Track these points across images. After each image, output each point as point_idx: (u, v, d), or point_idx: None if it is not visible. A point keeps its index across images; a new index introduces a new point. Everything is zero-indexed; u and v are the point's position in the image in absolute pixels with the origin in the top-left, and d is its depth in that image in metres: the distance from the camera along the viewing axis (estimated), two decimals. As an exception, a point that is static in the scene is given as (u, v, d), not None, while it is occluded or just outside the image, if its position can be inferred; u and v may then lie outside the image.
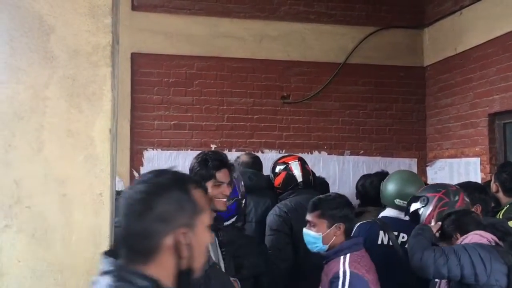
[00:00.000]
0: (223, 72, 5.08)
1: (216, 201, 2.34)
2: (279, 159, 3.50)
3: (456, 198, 2.62)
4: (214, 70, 5.06)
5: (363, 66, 5.30)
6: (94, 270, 1.79)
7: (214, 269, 1.89)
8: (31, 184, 1.78)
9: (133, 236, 1.19)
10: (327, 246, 2.41)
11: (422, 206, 2.61)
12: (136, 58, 4.89)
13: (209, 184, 2.35)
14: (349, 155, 5.24)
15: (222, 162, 2.39)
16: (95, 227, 1.82)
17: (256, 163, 3.79)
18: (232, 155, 4.99)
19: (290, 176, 3.26)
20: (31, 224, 1.76)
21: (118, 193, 3.42)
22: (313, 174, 3.47)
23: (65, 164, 1.81)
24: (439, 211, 2.56)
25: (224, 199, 2.36)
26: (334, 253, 2.36)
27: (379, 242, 2.75)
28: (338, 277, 2.25)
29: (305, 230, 2.49)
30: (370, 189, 3.33)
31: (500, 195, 3.33)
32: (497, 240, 2.32)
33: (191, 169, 2.43)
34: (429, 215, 2.58)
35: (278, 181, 3.32)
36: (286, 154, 3.85)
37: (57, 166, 1.80)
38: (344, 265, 2.29)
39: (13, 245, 1.75)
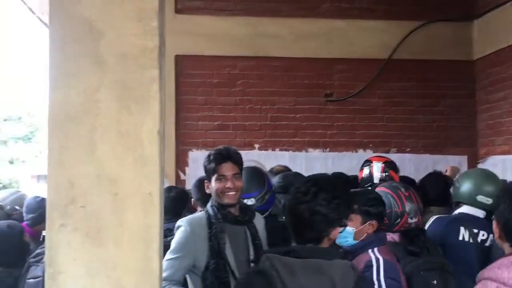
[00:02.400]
0: (265, 71, 5.09)
1: (223, 195, 2.35)
2: (372, 156, 3.61)
3: None
4: (256, 70, 5.08)
5: (408, 61, 5.18)
6: (146, 268, 1.83)
7: None
8: (84, 184, 1.83)
9: None
10: (356, 242, 2.31)
11: None
12: (180, 60, 4.97)
13: (213, 178, 2.37)
14: (395, 152, 5.13)
15: (222, 156, 2.40)
16: (145, 226, 1.86)
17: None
18: (275, 155, 5.03)
19: (368, 174, 3.33)
20: (85, 223, 1.81)
21: (172, 189, 3.53)
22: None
23: (116, 164, 1.85)
24: None
25: (232, 192, 2.35)
26: (361, 247, 2.26)
27: (460, 238, 2.68)
28: (371, 265, 2.14)
29: None
30: (429, 189, 3.24)
31: None
32: None
33: (203, 167, 2.47)
34: None
35: (359, 176, 3.44)
36: (381, 154, 3.90)
37: (109, 167, 1.84)
38: (375, 253, 2.20)
39: (68, 243, 1.81)
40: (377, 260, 2.14)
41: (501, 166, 4.65)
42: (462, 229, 2.69)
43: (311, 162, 4.96)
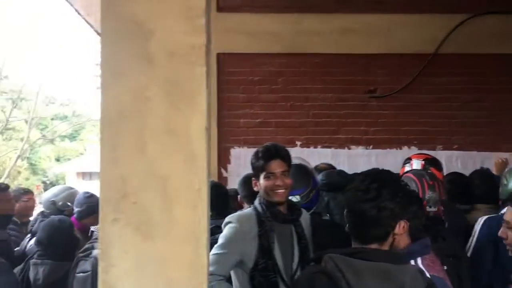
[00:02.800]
0: (306, 68, 5.07)
1: (272, 192, 2.33)
2: (414, 154, 3.46)
3: None
4: (297, 67, 5.06)
5: (455, 56, 5.03)
6: (195, 263, 1.86)
7: None
8: (135, 181, 1.88)
9: None
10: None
11: None
12: (222, 58, 5.01)
13: (262, 176, 2.35)
14: (442, 149, 4.99)
15: (271, 153, 2.38)
16: (194, 222, 1.88)
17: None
18: (318, 152, 4.99)
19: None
20: (136, 218, 1.85)
21: (214, 187, 3.56)
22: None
23: (166, 161, 1.88)
24: None
25: (281, 190, 2.32)
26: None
27: None
28: None
29: None
30: (475, 186, 3.14)
31: None
32: None
33: (250, 164, 2.46)
34: None
35: (400, 174, 3.30)
36: (424, 152, 3.75)
37: (159, 163, 1.88)
38: (418, 266, 1.91)
39: (120, 238, 1.85)
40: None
41: (556, 164, 4.45)
42: None
43: (354, 160, 4.90)
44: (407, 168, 3.33)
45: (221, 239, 2.39)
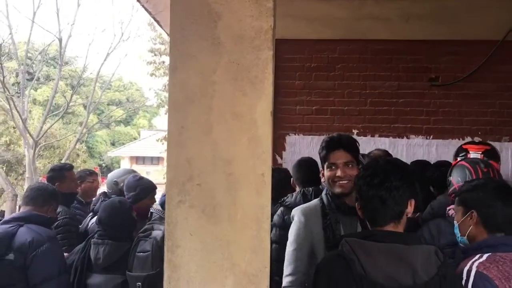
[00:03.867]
0: (366, 55, 4.94)
1: (333, 183, 2.30)
2: (467, 143, 3.24)
3: None
4: (356, 54, 4.95)
5: (525, 42, 4.74)
6: (258, 247, 1.86)
7: None
8: (201, 163, 1.90)
9: None
10: (465, 237, 2.02)
11: None
12: (279, 44, 4.97)
13: (325, 166, 2.31)
14: (508, 141, 4.75)
15: (334, 143, 2.33)
16: (258, 205, 1.89)
17: (388, 156, 3.72)
18: (375, 141, 4.88)
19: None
20: (201, 200, 1.88)
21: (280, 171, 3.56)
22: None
23: (231, 145, 1.89)
24: None
25: (343, 181, 2.27)
26: (473, 249, 1.96)
27: None
28: (461, 278, 1.83)
29: None
30: None
31: None
32: None
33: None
34: None
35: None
36: (478, 141, 3.51)
37: (224, 147, 1.89)
38: (473, 263, 1.86)
39: (186, 219, 1.89)
40: (468, 273, 1.82)
41: None
42: None
43: (413, 149, 4.75)
44: (461, 153, 3.12)
45: (291, 236, 2.38)
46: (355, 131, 4.88)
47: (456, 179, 2.46)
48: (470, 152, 3.05)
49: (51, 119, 18.19)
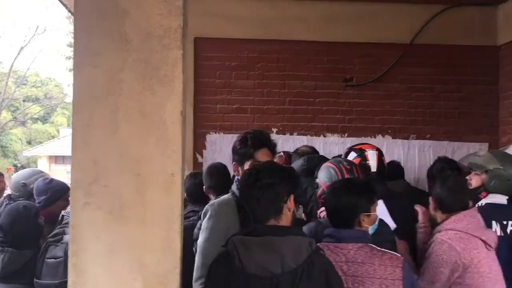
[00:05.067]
0: (285, 55, 5.05)
1: None
2: (356, 145, 3.34)
3: None
4: (276, 53, 5.04)
5: (431, 46, 5.08)
6: (167, 247, 1.85)
7: None
8: (107, 164, 1.85)
9: None
10: None
11: None
12: (199, 43, 4.95)
13: (248, 163, 2.34)
14: (415, 139, 5.07)
15: (261, 141, 2.38)
16: (168, 206, 1.87)
17: (315, 153, 3.82)
18: (293, 139, 5.01)
19: (363, 164, 3.06)
20: (108, 201, 1.84)
21: (196, 175, 3.51)
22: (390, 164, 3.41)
23: (139, 144, 1.86)
24: None
25: None
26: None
27: (499, 234, 2.66)
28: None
29: None
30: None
31: None
32: None
33: (233, 149, 2.45)
34: None
35: None
36: (363, 142, 3.68)
37: (132, 147, 1.86)
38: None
39: (92, 221, 1.84)
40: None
41: (524, 155, 4.57)
42: (494, 223, 2.67)
43: (329, 147, 4.93)
44: (356, 154, 3.18)
45: (207, 232, 2.34)
46: (274, 130, 4.98)
47: (323, 180, 2.55)
48: (367, 150, 3.17)
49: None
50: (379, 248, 2.06)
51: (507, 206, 2.74)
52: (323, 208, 2.45)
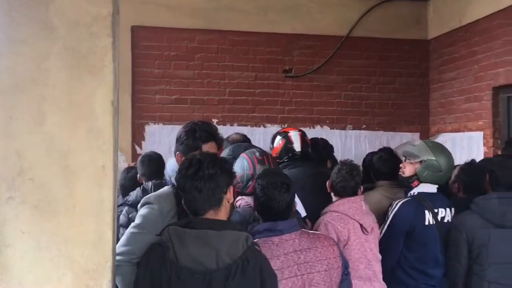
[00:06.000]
0: (225, 45, 5.04)
1: None
2: (280, 130, 3.56)
3: None
4: (215, 44, 5.02)
5: (366, 39, 5.24)
6: (98, 241, 1.80)
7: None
8: (33, 156, 1.77)
9: None
10: None
11: None
12: (137, 31, 4.84)
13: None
14: (351, 129, 5.23)
15: (210, 134, 2.36)
16: (98, 199, 1.82)
17: (246, 141, 3.81)
18: (234, 130, 5.01)
19: (288, 146, 3.26)
20: (34, 195, 1.76)
21: (130, 169, 3.45)
22: (316, 144, 3.51)
23: (67, 136, 1.79)
24: None
25: None
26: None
27: (426, 223, 2.80)
28: None
29: None
30: (380, 164, 3.29)
31: None
32: None
33: (178, 138, 2.40)
34: None
35: (276, 150, 3.33)
36: (287, 127, 3.88)
37: (59, 138, 1.79)
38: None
39: (16, 216, 1.76)
40: None
41: (451, 143, 4.83)
42: (426, 213, 2.81)
43: (270, 138, 4.97)
44: (281, 136, 3.34)
45: (139, 218, 2.31)
46: (215, 120, 4.97)
47: (236, 169, 2.56)
48: (289, 132, 3.35)
49: None
50: (309, 231, 2.21)
51: (437, 195, 2.89)
52: (239, 197, 2.52)
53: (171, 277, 1.69)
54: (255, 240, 2.00)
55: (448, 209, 2.86)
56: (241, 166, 2.56)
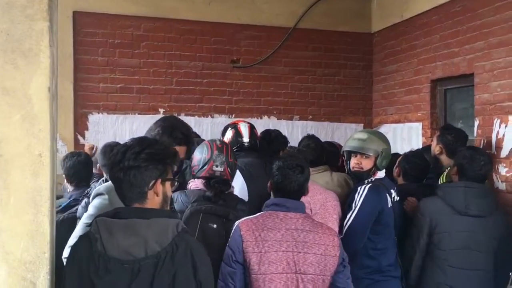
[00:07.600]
0: (171, 34, 4.96)
1: None
2: (230, 122, 3.68)
3: None
4: (162, 32, 4.93)
5: (313, 31, 5.32)
6: (35, 232, 1.74)
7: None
8: (-37, 144, 1.69)
9: None
10: None
11: None
12: (79, 17, 4.67)
13: None
14: (298, 120, 5.31)
15: (186, 138, 2.37)
16: (35, 188, 1.76)
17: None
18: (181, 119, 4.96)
19: (237, 138, 3.41)
20: (-35, 185, 1.68)
21: (77, 154, 3.35)
22: (266, 138, 3.56)
23: (1, 123, 1.72)
24: None
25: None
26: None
27: (389, 205, 2.88)
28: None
29: None
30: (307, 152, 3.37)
31: (443, 157, 3.48)
32: None
33: (151, 129, 2.39)
34: None
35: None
36: (235, 117, 3.98)
37: (-8, 126, 1.71)
38: None
39: None
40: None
41: (392, 134, 5.02)
42: (387, 196, 2.89)
43: (217, 128, 4.96)
44: (231, 127, 3.49)
45: (91, 209, 2.26)
46: (161, 110, 4.90)
47: (196, 153, 2.66)
48: (239, 124, 3.50)
49: None
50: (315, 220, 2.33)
51: (386, 179, 3.01)
52: (191, 180, 2.63)
53: (99, 269, 1.62)
54: (262, 212, 2.22)
55: (394, 189, 2.99)
56: (201, 150, 2.61)
